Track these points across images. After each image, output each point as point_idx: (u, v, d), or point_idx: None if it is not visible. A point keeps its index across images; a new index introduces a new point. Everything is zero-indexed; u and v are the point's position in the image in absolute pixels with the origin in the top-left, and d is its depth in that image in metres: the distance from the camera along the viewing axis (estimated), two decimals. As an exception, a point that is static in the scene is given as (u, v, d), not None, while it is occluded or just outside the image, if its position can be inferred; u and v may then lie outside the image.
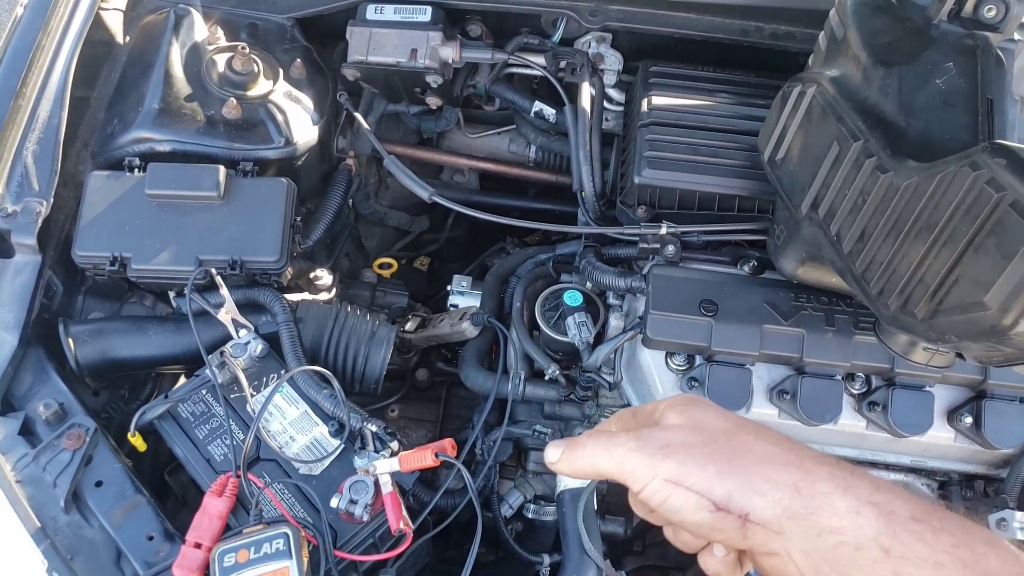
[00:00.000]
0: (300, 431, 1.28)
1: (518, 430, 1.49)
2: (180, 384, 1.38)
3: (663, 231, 1.37)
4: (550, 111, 1.74)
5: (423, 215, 2.12)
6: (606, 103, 1.69)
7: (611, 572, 1.13)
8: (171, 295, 1.46)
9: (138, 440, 1.27)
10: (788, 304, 1.30)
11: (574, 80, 1.66)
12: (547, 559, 1.42)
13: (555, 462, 0.79)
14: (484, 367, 1.55)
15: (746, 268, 1.37)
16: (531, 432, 1.48)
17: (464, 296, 1.76)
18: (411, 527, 1.18)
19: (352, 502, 1.16)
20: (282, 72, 1.59)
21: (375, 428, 1.27)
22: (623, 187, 1.51)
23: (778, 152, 1.22)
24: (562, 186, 1.86)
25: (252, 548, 1.06)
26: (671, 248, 1.37)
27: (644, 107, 1.48)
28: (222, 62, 1.54)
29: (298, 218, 1.47)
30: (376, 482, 1.18)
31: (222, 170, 1.39)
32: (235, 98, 1.49)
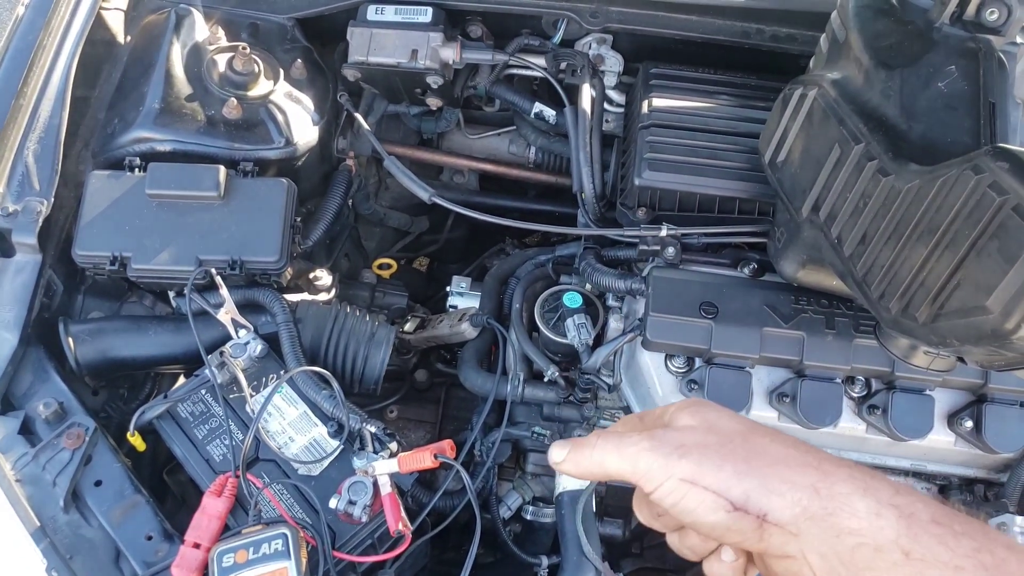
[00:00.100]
0: (299, 431, 1.28)
1: (517, 432, 1.48)
2: (179, 384, 1.38)
3: (663, 233, 1.37)
4: (550, 112, 1.74)
5: (423, 216, 2.12)
6: (606, 105, 1.69)
7: (609, 574, 1.13)
8: (171, 295, 1.46)
9: (137, 440, 1.27)
10: (788, 307, 1.29)
11: (574, 81, 1.66)
12: (545, 561, 1.41)
13: (560, 462, 0.77)
14: (483, 368, 1.55)
15: (746, 270, 1.37)
16: (530, 434, 1.48)
17: (463, 297, 1.75)
18: (410, 528, 1.18)
19: (351, 503, 1.16)
20: (283, 72, 1.59)
21: (374, 429, 1.27)
22: (623, 189, 1.51)
23: (779, 154, 1.21)
24: (562, 187, 1.86)
25: (251, 548, 1.06)
26: (671, 250, 1.37)
27: (644, 109, 1.48)
28: (223, 62, 1.54)
29: (298, 218, 1.47)
30: (375, 483, 1.18)
31: (222, 170, 1.39)
32: (236, 98, 1.49)
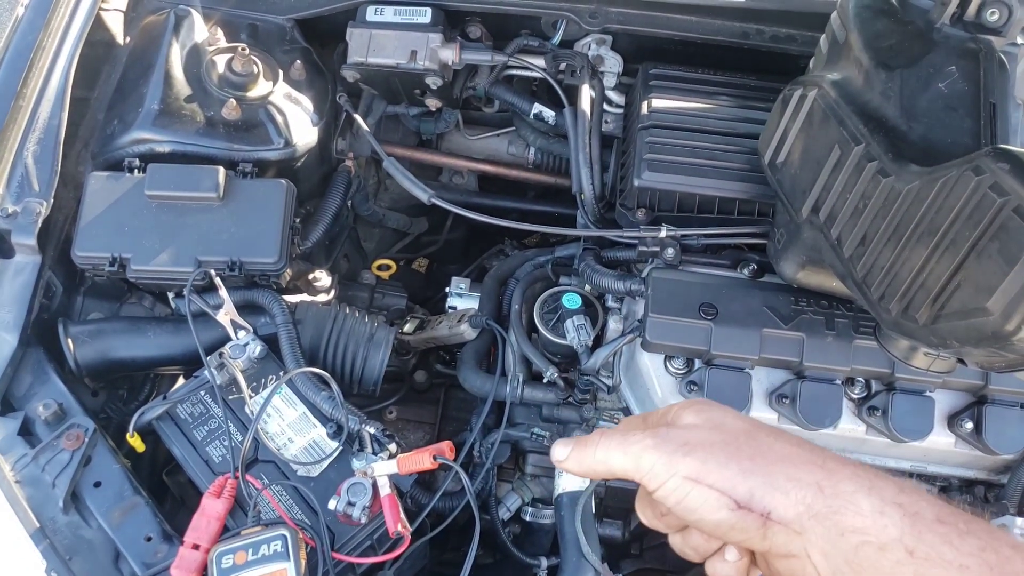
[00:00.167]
0: (298, 433, 1.28)
1: (516, 433, 1.48)
2: (179, 385, 1.38)
3: (663, 234, 1.37)
4: (550, 113, 1.74)
5: (422, 217, 2.12)
6: (606, 105, 1.69)
7: (608, 575, 1.13)
8: (170, 296, 1.46)
9: (137, 441, 1.27)
10: (788, 308, 1.29)
11: (574, 82, 1.66)
12: (545, 562, 1.41)
13: (563, 460, 0.77)
14: (482, 369, 1.55)
15: (746, 272, 1.37)
16: (529, 435, 1.48)
17: (463, 298, 1.75)
18: (409, 529, 1.17)
19: (350, 504, 1.16)
20: (282, 73, 1.59)
21: (373, 430, 1.27)
22: (623, 190, 1.51)
23: (779, 155, 1.21)
24: (561, 188, 1.86)
25: (250, 550, 1.06)
26: (670, 251, 1.37)
27: (644, 109, 1.48)
28: (222, 63, 1.54)
29: (297, 219, 1.47)
30: (374, 484, 1.18)
31: (221, 171, 1.39)
32: (235, 99, 1.49)
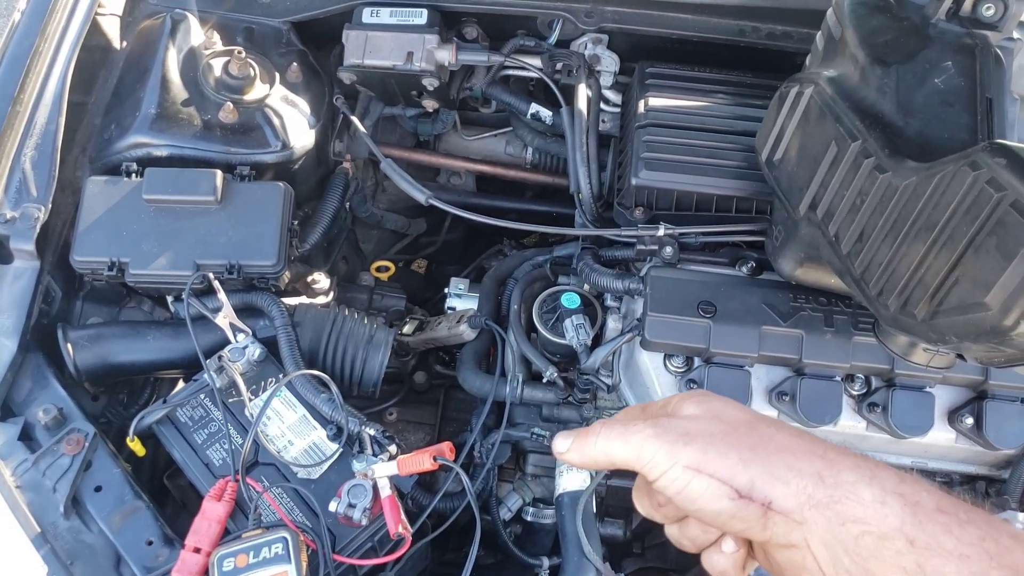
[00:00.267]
0: (298, 435, 1.28)
1: (516, 433, 1.48)
2: (178, 389, 1.38)
3: (661, 233, 1.37)
4: (547, 113, 1.74)
5: (420, 218, 2.12)
6: (603, 105, 1.69)
7: (610, 574, 1.13)
8: (169, 300, 1.46)
9: (137, 445, 1.27)
10: (787, 305, 1.29)
11: (570, 82, 1.66)
12: (546, 562, 1.41)
13: (564, 452, 0.77)
14: (482, 370, 1.55)
15: (744, 269, 1.37)
16: (529, 435, 1.47)
17: (462, 299, 1.75)
18: (410, 531, 1.17)
19: (351, 506, 1.16)
20: (278, 76, 1.59)
21: (373, 432, 1.27)
22: (620, 189, 1.51)
23: (776, 153, 1.21)
24: (559, 188, 1.86)
25: (251, 552, 1.06)
26: (669, 250, 1.37)
27: (641, 108, 1.48)
28: (218, 67, 1.54)
29: (295, 222, 1.47)
30: (374, 486, 1.18)
31: (219, 174, 1.39)
32: (232, 102, 1.49)
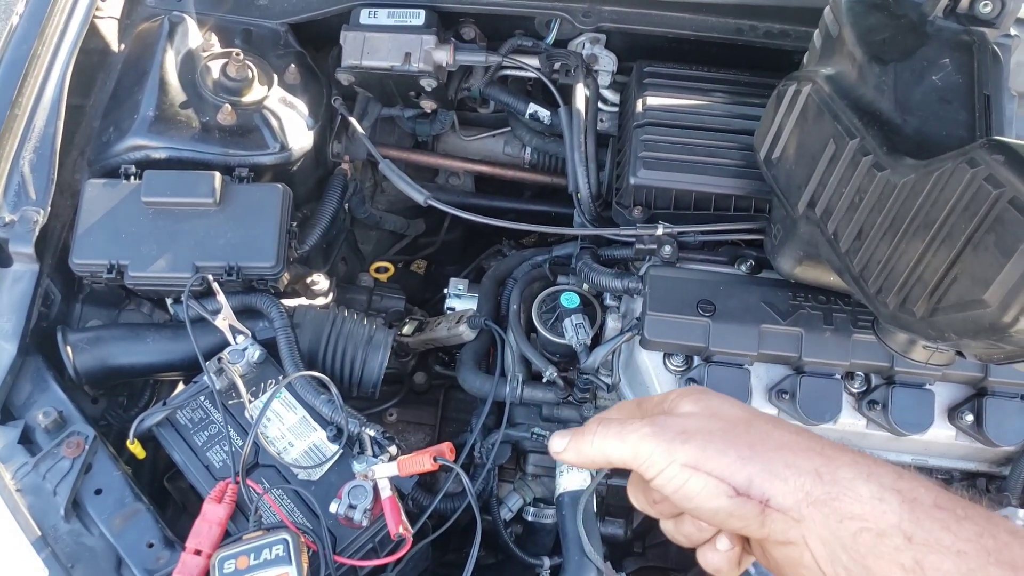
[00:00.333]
0: (298, 436, 1.28)
1: (516, 433, 1.48)
2: (178, 391, 1.38)
3: (659, 232, 1.37)
4: (545, 113, 1.74)
5: (419, 218, 2.12)
6: (601, 104, 1.68)
7: (611, 574, 1.13)
8: (168, 302, 1.46)
9: (137, 447, 1.27)
10: (786, 303, 1.29)
11: (568, 82, 1.66)
12: (547, 562, 1.41)
13: (561, 451, 0.77)
14: (482, 370, 1.55)
15: (743, 268, 1.37)
16: (530, 435, 1.48)
17: (461, 299, 1.75)
18: (410, 531, 1.17)
19: (351, 507, 1.16)
20: (276, 78, 1.59)
21: (373, 432, 1.27)
22: (619, 188, 1.51)
23: (774, 151, 1.21)
24: (558, 188, 1.86)
25: (252, 554, 1.06)
26: (668, 249, 1.37)
27: (639, 108, 1.48)
28: (216, 68, 1.54)
29: (294, 223, 1.47)
30: (375, 487, 1.18)
31: (218, 176, 1.39)
32: (230, 104, 1.49)
